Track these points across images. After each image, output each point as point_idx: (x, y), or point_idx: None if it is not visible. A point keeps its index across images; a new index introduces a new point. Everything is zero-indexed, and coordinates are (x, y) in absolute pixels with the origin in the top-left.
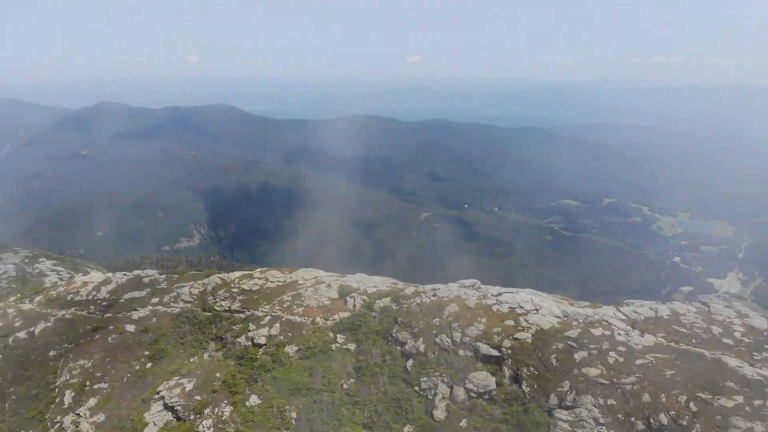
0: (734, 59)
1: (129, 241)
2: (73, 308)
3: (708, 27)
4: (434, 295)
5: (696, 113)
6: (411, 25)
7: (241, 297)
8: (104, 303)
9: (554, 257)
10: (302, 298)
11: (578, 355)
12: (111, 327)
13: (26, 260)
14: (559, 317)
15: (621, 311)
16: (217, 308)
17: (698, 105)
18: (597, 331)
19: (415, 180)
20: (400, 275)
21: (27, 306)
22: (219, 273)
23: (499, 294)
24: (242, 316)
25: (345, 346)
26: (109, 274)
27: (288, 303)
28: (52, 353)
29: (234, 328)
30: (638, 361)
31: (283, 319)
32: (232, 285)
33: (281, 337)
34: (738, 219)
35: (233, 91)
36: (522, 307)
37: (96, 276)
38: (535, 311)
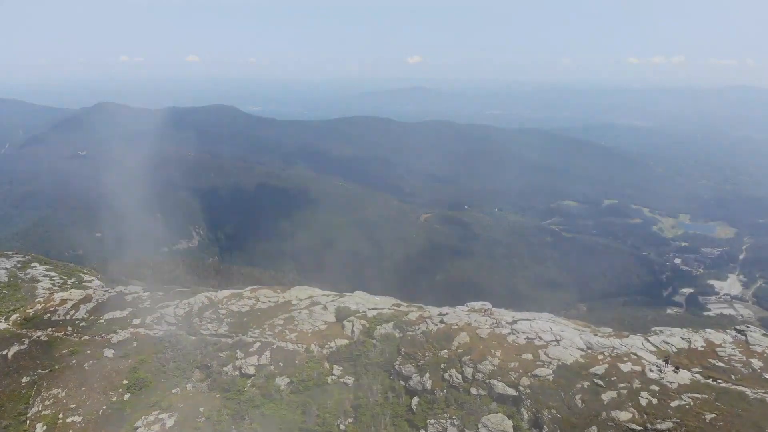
0: (734, 60)
1: (127, 242)
2: (50, 329)
3: (707, 28)
4: (441, 322)
5: (696, 114)
6: (411, 25)
7: (229, 319)
8: (83, 324)
9: (554, 258)
10: (295, 322)
11: (606, 396)
12: (88, 351)
13: (18, 265)
14: (582, 350)
15: (650, 341)
16: (203, 332)
17: (698, 106)
18: (626, 367)
19: (415, 181)
20: (400, 277)
21: (2, 326)
22: (207, 291)
23: (515, 321)
24: (230, 341)
25: (342, 380)
26: (90, 291)
27: (280, 327)
28: (25, 380)
29: (220, 355)
30: (674, 403)
31: (274, 346)
32: (220, 305)
33: (272, 367)
34: (738, 220)
35: (233, 91)
36: (541, 338)
37: (76, 293)
38: (555, 342)
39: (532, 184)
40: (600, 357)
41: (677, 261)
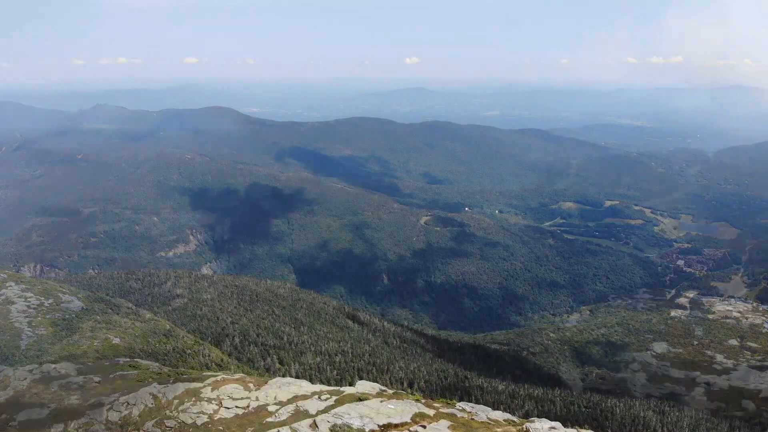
0: (732, 60)
1: (123, 247)
2: None
3: (706, 29)
4: None
5: (695, 114)
6: (409, 26)
7: None
8: None
9: (556, 260)
10: None
11: None
12: None
13: None
14: None
15: None
16: None
17: (697, 105)
18: None
19: (414, 182)
20: (401, 280)
21: None
22: (155, 380)
23: None
24: None
25: None
26: (9, 373)
27: None
28: None
29: None
30: None
31: None
32: (168, 411)
33: None
34: (741, 221)
35: (231, 92)
36: None
37: None
38: None
39: (533, 185)
40: None
41: (680, 262)
